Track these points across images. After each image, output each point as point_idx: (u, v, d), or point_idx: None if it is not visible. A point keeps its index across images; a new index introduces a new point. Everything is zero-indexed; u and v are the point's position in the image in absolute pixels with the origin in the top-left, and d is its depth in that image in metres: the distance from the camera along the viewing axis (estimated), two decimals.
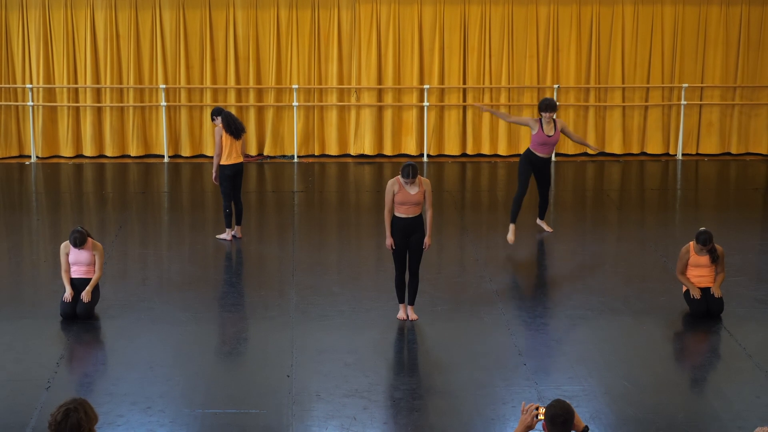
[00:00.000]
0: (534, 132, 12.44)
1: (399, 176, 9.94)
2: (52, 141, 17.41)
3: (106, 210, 14.54)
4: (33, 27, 17.01)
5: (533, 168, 12.60)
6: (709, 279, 10.38)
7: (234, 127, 12.63)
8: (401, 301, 10.29)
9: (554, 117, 12.46)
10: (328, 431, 8.01)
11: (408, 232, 10.00)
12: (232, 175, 12.71)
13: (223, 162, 12.65)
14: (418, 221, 10.02)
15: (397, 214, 9.97)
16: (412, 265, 10.12)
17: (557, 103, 12.74)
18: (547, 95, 17.58)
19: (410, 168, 9.80)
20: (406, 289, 10.22)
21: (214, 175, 12.80)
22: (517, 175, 12.74)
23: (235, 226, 12.95)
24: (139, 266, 12.12)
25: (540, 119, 12.44)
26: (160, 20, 17.08)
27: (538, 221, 13.13)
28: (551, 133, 12.42)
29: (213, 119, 12.87)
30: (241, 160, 12.76)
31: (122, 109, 17.40)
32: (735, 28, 17.56)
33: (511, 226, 12.46)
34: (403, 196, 9.89)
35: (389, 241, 10.00)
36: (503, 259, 12.01)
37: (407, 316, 10.23)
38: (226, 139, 12.61)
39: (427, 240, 10.11)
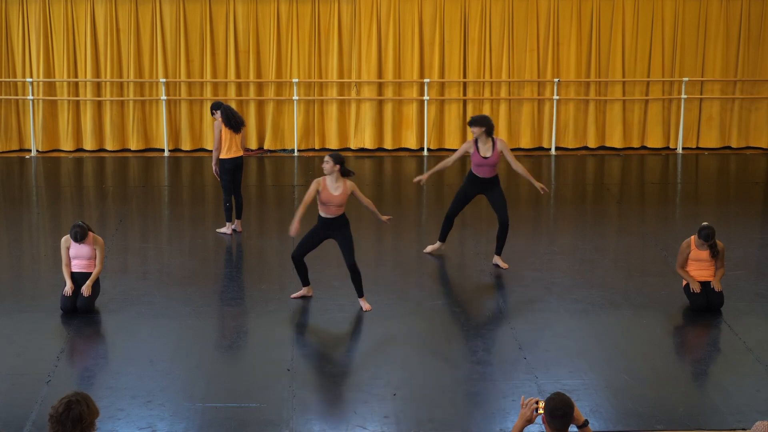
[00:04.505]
0: (471, 153, 11.25)
1: (324, 177, 10.08)
2: (52, 135, 17.42)
3: (106, 204, 14.55)
4: (33, 21, 17.01)
5: (476, 189, 11.43)
6: (709, 273, 10.38)
7: (233, 121, 12.62)
8: (304, 284, 10.57)
9: (492, 135, 11.21)
10: (328, 425, 8.01)
11: (328, 228, 10.26)
12: (232, 169, 12.70)
13: (223, 156, 12.65)
14: (341, 220, 10.23)
15: (321, 213, 10.21)
16: (347, 260, 10.24)
17: (487, 120, 11.20)
18: (548, 89, 17.58)
19: (333, 156, 10.09)
20: (353, 284, 10.35)
21: (214, 168, 12.80)
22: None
23: (236, 220, 12.95)
24: (140, 260, 12.12)
25: (475, 140, 11.22)
26: (160, 14, 17.06)
27: (495, 258, 11.63)
28: (487, 154, 11.15)
29: (212, 113, 12.87)
30: (241, 153, 12.75)
31: (122, 103, 17.39)
32: (735, 22, 17.54)
33: (437, 244, 11.81)
34: (327, 196, 10.08)
35: (295, 225, 10.03)
36: (503, 252, 11.99)
37: (305, 295, 10.52)
38: (226, 132, 12.60)
39: (384, 218, 10.61)
